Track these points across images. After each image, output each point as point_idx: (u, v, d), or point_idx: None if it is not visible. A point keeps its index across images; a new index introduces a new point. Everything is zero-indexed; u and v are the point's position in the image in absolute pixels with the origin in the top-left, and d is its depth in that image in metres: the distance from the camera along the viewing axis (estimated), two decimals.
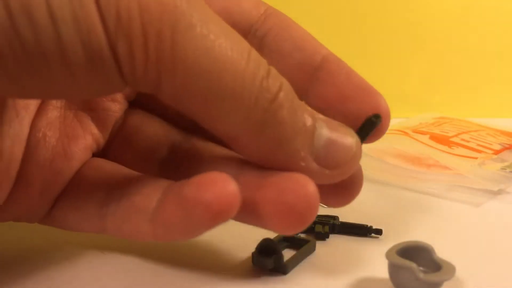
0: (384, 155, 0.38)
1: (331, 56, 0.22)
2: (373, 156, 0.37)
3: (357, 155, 0.19)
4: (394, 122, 0.45)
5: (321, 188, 0.18)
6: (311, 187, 0.17)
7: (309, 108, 0.18)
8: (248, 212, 0.18)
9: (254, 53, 0.17)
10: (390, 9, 0.57)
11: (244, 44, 0.17)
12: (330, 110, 0.21)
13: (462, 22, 0.57)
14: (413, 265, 0.20)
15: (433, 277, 0.20)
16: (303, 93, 0.22)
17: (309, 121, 0.18)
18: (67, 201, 0.21)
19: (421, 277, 0.20)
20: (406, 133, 0.40)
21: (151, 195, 0.19)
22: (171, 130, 0.23)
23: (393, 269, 0.21)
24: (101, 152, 0.23)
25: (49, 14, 0.15)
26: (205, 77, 0.16)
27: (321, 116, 0.19)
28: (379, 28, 0.57)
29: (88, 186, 0.21)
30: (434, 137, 0.40)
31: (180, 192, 0.18)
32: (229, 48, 0.16)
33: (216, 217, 0.17)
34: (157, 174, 0.22)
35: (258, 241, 0.23)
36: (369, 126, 0.20)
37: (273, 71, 0.18)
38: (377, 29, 0.57)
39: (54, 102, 0.22)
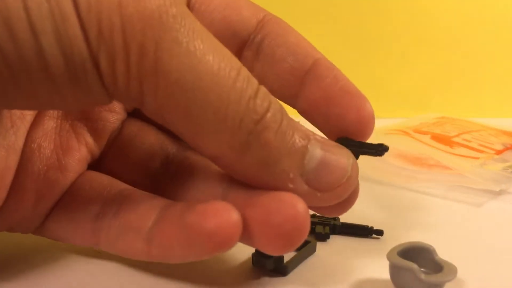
0: (385, 155, 0.37)
1: (322, 60, 0.22)
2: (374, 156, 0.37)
3: (352, 178, 0.18)
4: (395, 121, 0.45)
5: None
6: (300, 208, 0.17)
7: (303, 128, 0.18)
8: None
9: (244, 72, 0.17)
10: (392, 9, 0.57)
11: (234, 62, 0.17)
12: (317, 112, 0.21)
13: (464, 21, 0.57)
14: (415, 266, 0.20)
15: (434, 278, 0.20)
16: (294, 97, 0.22)
17: (299, 142, 0.17)
18: (61, 213, 0.21)
19: (422, 278, 0.20)
20: (407, 133, 0.40)
21: (147, 214, 0.19)
22: (166, 141, 0.23)
23: (394, 270, 0.21)
24: (96, 162, 0.23)
25: (30, 27, 0.15)
26: (189, 95, 0.16)
27: (316, 136, 0.18)
28: (381, 28, 0.57)
29: (83, 199, 0.21)
30: (436, 137, 0.39)
31: (181, 217, 0.18)
32: (216, 66, 0.16)
33: (217, 246, 0.17)
34: (150, 186, 0.22)
35: None
36: (371, 150, 0.19)
37: (262, 90, 0.17)
38: (378, 29, 0.57)
39: (50, 112, 0.22)
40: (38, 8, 0.15)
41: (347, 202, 0.20)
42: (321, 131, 0.21)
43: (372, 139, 0.21)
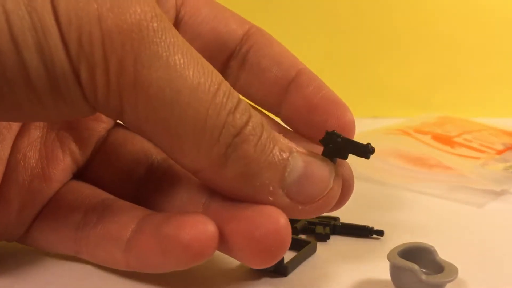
0: (385, 156, 0.37)
1: (305, 70, 0.22)
2: (375, 156, 0.37)
3: (334, 190, 0.18)
4: (396, 121, 0.45)
5: None
6: (282, 221, 0.17)
7: (285, 141, 0.18)
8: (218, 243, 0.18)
9: (225, 86, 0.17)
10: (393, 8, 0.57)
11: (215, 77, 0.17)
12: (299, 120, 0.21)
13: (465, 21, 0.57)
14: (415, 266, 0.20)
15: (435, 279, 0.20)
16: (277, 105, 0.22)
17: (280, 155, 0.18)
18: (44, 222, 0.22)
19: (423, 279, 0.20)
20: (408, 133, 0.40)
21: (126, 224, 0.20)
22: (151, 150, 0.23)
23: (395, 270, 0.21)
24: (81, 169, 0.23)
25: (12, 40, 0.15)
26: (167, 109, 0.16)
27: (299, 149, 0.18)
28: (382, 27, 0.57)
29: (66, 208, 0.21)
30: (436, 137, 0.39)
31: (158, 228, 0.18)
32: (196, 81, 0.16)
33: (193, 257, 0.17)
34: (134, 193, 0.23)
35: None
36: (357, 149, 0.19)
37: (243, 104, 0.17)
38: (379, 28, 0.57)
39: (37, 122, 0.22)
40: (20, 22, 0.15)
41: (339, 202, 0.20)
42: (304, 138, 0.22)
43: (373, 139, 0.21)
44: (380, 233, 0.26)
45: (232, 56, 0.23)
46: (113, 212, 0.20)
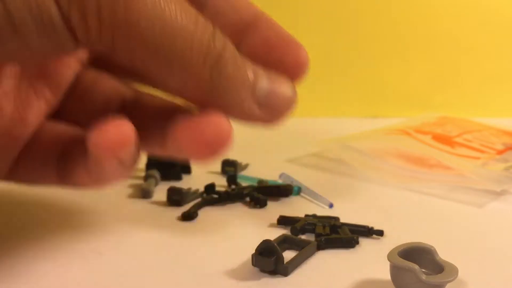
0: (386, 156, 0.37)
1: (261, 14, 0.24)
2: (375, 156, 0.37)
3: (294, 99, 0.21)
4: (396, 121, 0.45)
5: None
6: (223, 119, 0.19)
7: (251, 64, 0.20)
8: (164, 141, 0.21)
9: (201, 18, 0.19)
10: (393, 8, 0.57)
11: (192, 10, 0.19)
12: (258, 59, 0.23)
13: (466, 21, 0.57)
14: (415, 266, 0.20)
15: (435, 279, 0.20)
16: (236, 46, 0.24)
17: (251, 75, 0.20)
18: (26, 160, 0.24)
19: (423, 279, 0.20)
20: (408, 133, 0.40)
21: None
22: (122, 88, 0.25)
23: (395, 270, 0.21)
24: (56, 113, 0.25)
25: None
26: (157, 40, 0.18)
27: (260, 70, 0.21)
28: (382, 27, 0.57)
29: (44, 145, 0.24)
30: (437, 137, 0.39)
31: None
32: (179, 14, 0.18)
33: (114, 151, 0.19)
34: None
35: (258, 243, 0.22)
36: None
37: (218, 32, 0.19)
38: (379, 28, 0.57)
39: (8, 73, 0.23)
40: None
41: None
42: None
43: (373, 139, 0.21)
44: (380, 233, 0.26)
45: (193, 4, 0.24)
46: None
